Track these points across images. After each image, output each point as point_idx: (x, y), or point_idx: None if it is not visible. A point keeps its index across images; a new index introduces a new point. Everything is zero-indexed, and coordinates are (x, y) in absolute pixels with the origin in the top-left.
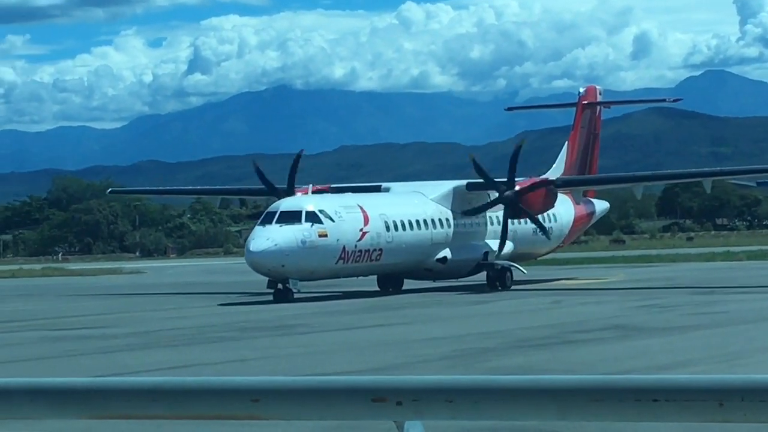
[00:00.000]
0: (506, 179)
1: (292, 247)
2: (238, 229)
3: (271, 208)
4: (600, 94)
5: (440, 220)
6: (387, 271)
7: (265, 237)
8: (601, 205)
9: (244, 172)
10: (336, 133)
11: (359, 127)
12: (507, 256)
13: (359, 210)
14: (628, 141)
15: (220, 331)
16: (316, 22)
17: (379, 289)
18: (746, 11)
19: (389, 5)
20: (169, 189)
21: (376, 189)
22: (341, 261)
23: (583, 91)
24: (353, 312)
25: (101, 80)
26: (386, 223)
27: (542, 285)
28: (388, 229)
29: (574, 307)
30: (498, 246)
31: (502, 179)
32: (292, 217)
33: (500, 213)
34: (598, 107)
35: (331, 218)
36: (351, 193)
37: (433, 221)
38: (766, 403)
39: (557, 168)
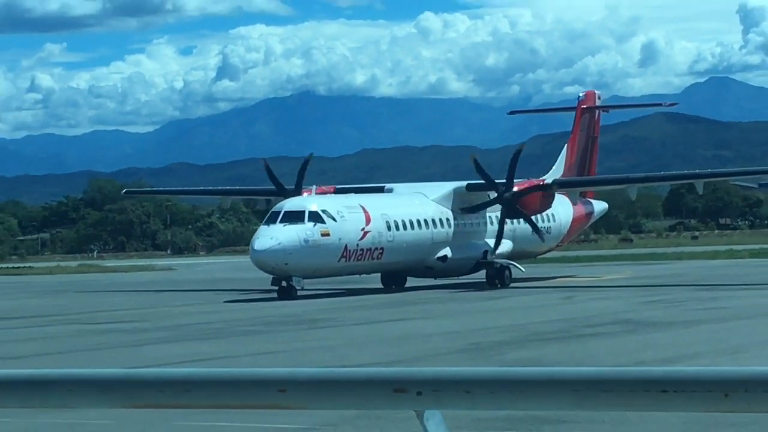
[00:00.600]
0: (505, 180)
1: (295, 246)
2: None
3: (275, 208)
4: (599, 98)
5: (441, 220)
6: (388, 269)
7: (269, 236)
8: (599, 206)
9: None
10: (357, 137)
11: (379, 131)
12: (506, 255)
13: (361, 210)
14: (636, 144)
15: (247, 325)
16: (338, 31)
17: (382, 286)
18: (749, 21)
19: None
20: (182, 189)
21: (380, 190)
22: (343, 259)
23: (583, 95)
24: (374, 307)
25: (134, 86)
26: (387, 222)
27: (542, 283)
28: (389, 228)
29: (584, 303)
30: (495, 245)
31: (502, 180)
32: (295, 217)
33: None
34: (597, 111)
35: (333, 218)
36: (354, 194)
37: (433, 221)
38: None
39: (557, 169)
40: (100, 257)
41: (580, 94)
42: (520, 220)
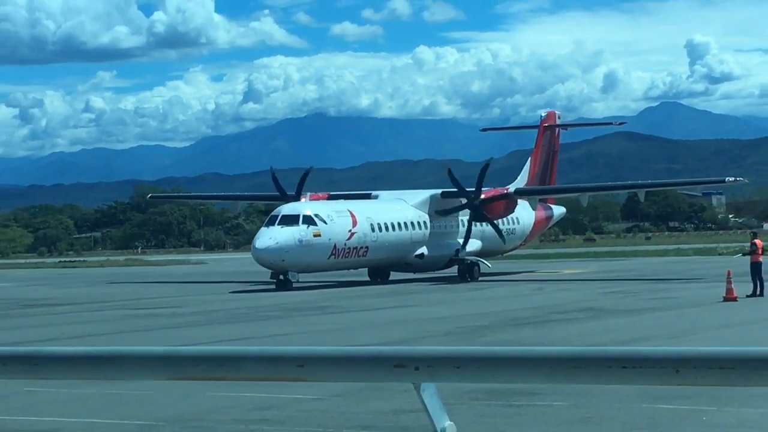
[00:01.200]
0: (474, 189)
1: (290, 245)
2: None
3: (274, 212)
4: (559, 118)
5: (418, 223)
6: (373, 265)
7: (269, 236)
8: (558, 210)
9: (287, 182)
10: (362, 152)
11: (381, 147)
12: (475, 253)
13: (349, 214)
14: (598, 159)
15: (268, 311)
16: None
17: (369, 279)
18: (695, 54)
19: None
20: (198, 195)
21: (367, 196)
22: (333, 257)
23: (544, 115)
24: (373, 296)
25: (173, 107)
26: (372, 225)
27: (506, 276)
28: (373, 230)
29: (553, 293)
30: (463, 244)
31: (471, 189)
32: (291, 220)
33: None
34: (557, 129)
35: (324, 221)
36: (343, 200)
37: (412, 223)
38: (713, 370)
39: (521, 179)
40: (144, 253)
41: (542, 114)
42: (487, 223)
